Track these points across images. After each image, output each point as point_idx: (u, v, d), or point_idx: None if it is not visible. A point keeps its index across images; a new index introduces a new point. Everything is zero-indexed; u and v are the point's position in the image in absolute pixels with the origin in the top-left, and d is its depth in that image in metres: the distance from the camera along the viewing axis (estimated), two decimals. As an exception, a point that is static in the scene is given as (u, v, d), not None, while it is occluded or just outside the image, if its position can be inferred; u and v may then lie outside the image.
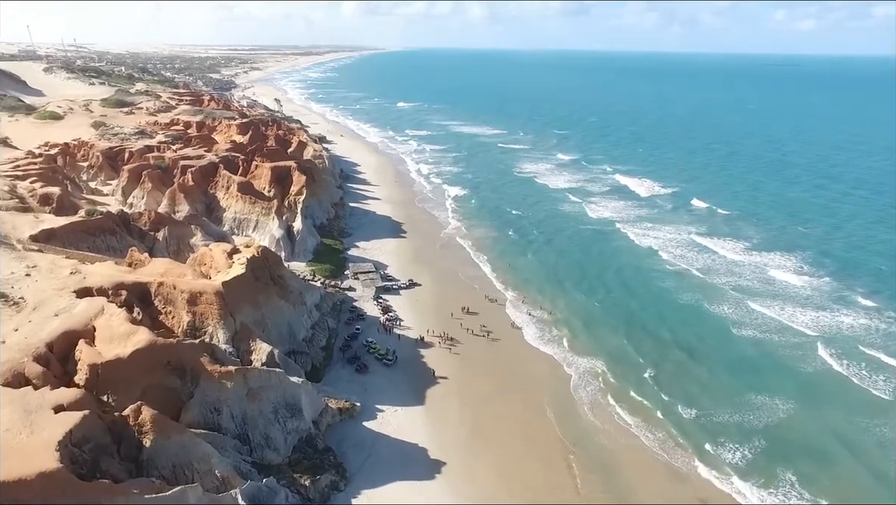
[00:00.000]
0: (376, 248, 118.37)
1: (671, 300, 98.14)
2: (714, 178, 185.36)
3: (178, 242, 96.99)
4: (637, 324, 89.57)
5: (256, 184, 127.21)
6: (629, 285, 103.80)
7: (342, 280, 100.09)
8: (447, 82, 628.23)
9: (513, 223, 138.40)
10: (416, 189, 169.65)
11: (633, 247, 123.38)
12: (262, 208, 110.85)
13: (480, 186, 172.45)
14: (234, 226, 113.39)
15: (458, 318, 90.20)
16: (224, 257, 75.25)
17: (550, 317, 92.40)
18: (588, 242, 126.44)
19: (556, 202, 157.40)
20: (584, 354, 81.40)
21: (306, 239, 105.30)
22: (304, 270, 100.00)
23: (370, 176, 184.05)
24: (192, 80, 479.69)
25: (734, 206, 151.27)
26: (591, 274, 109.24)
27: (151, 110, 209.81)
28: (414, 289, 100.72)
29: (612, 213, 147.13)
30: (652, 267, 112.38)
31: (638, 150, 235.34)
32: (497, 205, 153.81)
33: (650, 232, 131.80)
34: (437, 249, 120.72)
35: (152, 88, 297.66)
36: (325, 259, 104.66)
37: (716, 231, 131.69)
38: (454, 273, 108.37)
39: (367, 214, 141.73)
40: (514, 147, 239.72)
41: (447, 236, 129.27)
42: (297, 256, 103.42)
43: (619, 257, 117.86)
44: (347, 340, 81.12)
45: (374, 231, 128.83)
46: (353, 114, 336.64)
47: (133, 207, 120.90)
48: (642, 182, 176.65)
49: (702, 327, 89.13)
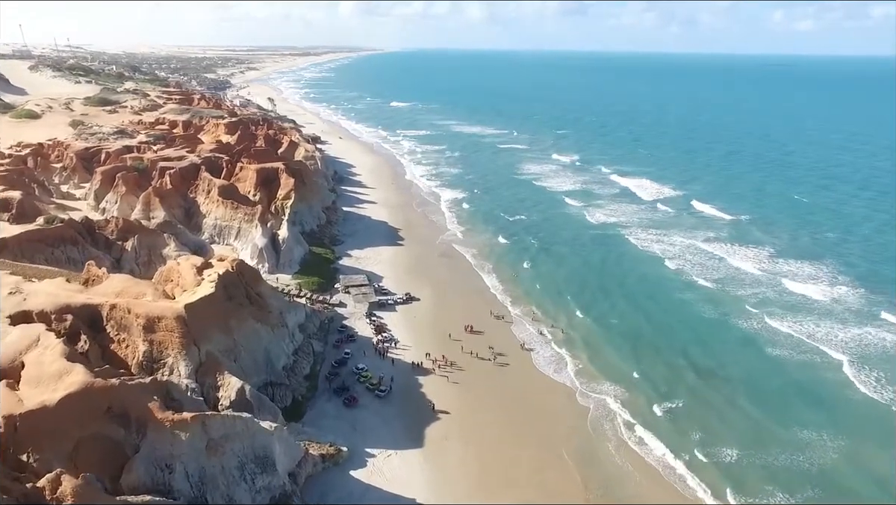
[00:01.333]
0: (370, 258, 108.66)
1: (684, 315, 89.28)
2: (716, 180, 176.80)
3: (149, 253, 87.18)
4: (652, 345, 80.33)
5: (241, 187, 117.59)
6: (640, 299, 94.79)
7: (331, 294, 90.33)
8: (445, 82, 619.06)
9: (515, 228, 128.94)
10: (413, 192, 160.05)
11: (640, 254, 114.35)
12: (245, 214, 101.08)
13: (480, 189, 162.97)
14: (214, 233, 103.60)
15: (461, 338, 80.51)
16: (193, 273, 65.50)
17: (562, 336, 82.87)
18: (594, 250, 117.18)
19: (558, 206, 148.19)
20: (600, 381, 71.97)
21: (293, 248, 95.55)
22: (289, 284, 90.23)
23: (366, 178, 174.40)
24: (186, 80, 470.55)
25: (739, 209, 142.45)
26: (600, 285, 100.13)
27: (136, 109, 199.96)
28: (411, 304, 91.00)
29: (616, 217, 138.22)
30: (661, 277, 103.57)
31: (638, 150, 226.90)
32: (498, 208, 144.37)
33: (656, 238, 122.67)
34: (436, 258, 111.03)
35: (141, 87, 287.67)
36: (313, 270, 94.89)
37: (723, 237, 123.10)
38: (455, 285, 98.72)
39: (361, 220, 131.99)
40: (513, 147, 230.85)
41: (447, 243, 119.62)
42: (283, 267, 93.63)
43: (626, 266, 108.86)
44: (335, 367, 71.34)
45: (368, 238, 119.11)
46: (348, 113, 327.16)
47: (106, 213, 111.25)
48: (644, 184, 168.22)
49: (719, 347, 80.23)
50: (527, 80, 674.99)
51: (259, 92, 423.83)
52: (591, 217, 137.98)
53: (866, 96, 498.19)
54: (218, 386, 55.14)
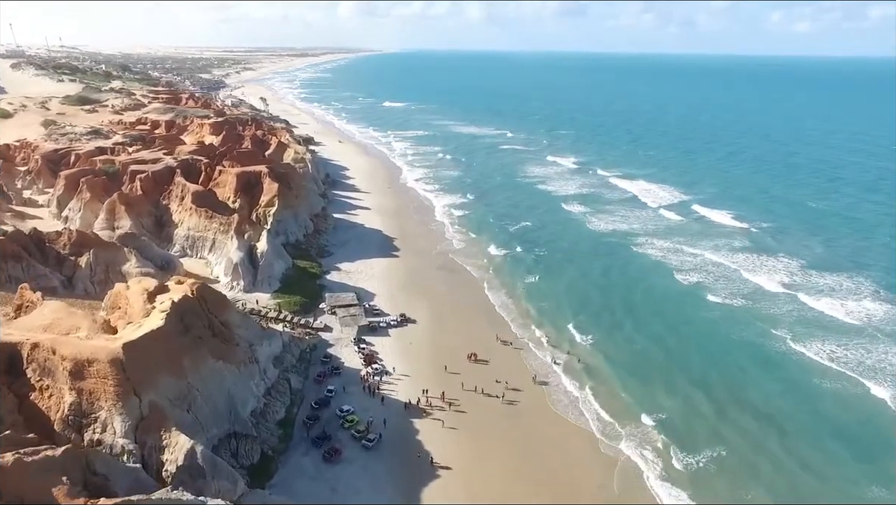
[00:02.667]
0: (362, 271, 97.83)
1: (703, 339, 79.18)
2: (719, 182, 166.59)
3: (107, 270, 76.30)
4: (676, 376, 70.23)
5: (220, 193, 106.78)
6: (655, 319, 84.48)
7: (315, 316, 79.45)
8: (444, 83, 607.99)
9: (518, 237, 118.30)
10: (410, 196, 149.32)
11: (649, 267, 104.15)
12: (221, 224, 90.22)
13: (481, 193, 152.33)
14: (186, 245, 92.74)
15: (463, 369, 69.80)
16: (142, 300, 54.73)
17: (577, 366, 72.21)
18: (602, 261, 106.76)
19: (561, 212, 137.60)
20: (625, 422, 61.57)
21: (273, 263, 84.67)
22: (267, 305, 79.36)
23: (360, 181, 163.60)
24: (179, 80, 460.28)
25: (747, 214, 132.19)
26: (613, 302, 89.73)
27: (117, 108, 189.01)
28: (406, 327, 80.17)
29: (620, 224, 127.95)
30: (673, 293, 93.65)
31: (638, 151, 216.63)
32: (498, 214, 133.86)
33: (664, 248, 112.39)
34: (434, 272, 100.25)
35: (128, 86, 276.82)
36: (295, 288, 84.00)
37: (732, 246, 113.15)
38: (456, 304, 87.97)
39: (353, 228, 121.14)
40: (513, 148, 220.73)
41: (446, 254, 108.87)
42: (261, 284, 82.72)
43: (636, 281, 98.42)
44: (315, 409, 60.45)
45: (360, 249, 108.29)
46: (344, 114, 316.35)
47: (69, 222, 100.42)
48: (646, 187, 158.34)
49: (745, 379, 69.96)
50: (526, 81, 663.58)
51: (254, 92, 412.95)
52: (596, 225, 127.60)
53: (866, 97, 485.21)
54: (163, 446, 44.31)
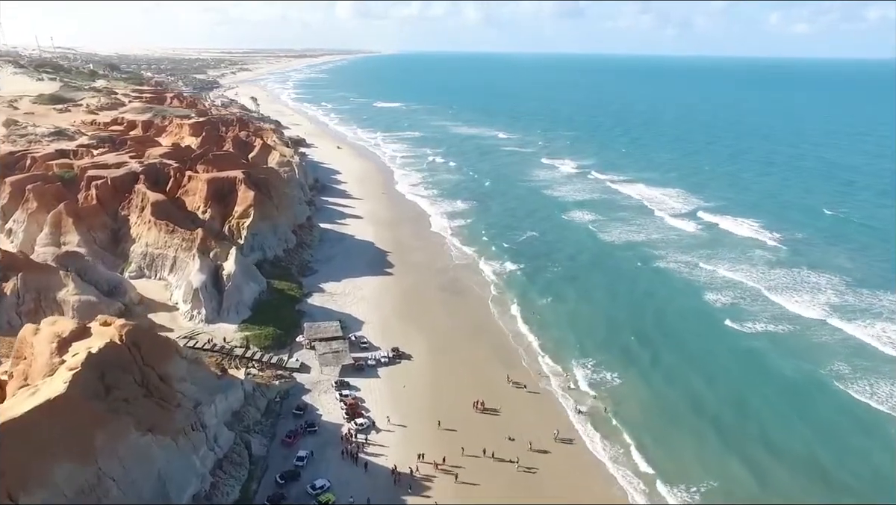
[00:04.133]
0: (349, 293, 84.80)
1: (751, 377, 67.24)
2: (728, 187, 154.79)
3: (38, 298, 63.31)
4: (724, 428, 57.93)
5: (189, 202, 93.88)
6: (691, 349, 72.87)
7: (291, 352, 66.51)
8: (443, 84, 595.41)
9: (526, 250, 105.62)
10: (405, 203, 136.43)
11: (673, 285, 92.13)
12: (183, 240, 77.13)
13: (480, 199, 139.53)
14: (143, 265, 79.59)
15: (468, 422, 56.97)
16: (50, 350, 41.84)
17: (607, 415, 59.41)
18: (622, 279, 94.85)
19: (570, 221, 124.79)
20: (676, 491, 48.57)
21: (242, 287, 71.62)
22: (233, 338, 66.32)
23: (352, 187, 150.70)
24: (172, 80, 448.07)
25: (763, 223, 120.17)
26: (640, 329, 77.61)
27: (93, 108, 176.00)
28: (400, 364, 67.27)
29: (636, 235, 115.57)
30: (704, 316, 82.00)
31: (638, 153, 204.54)
32: (502, 224, 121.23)
33: (684, 263, 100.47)
34: (433, 293, 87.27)
35: (113, 85, 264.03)
36: (269, 317, 70.94)
37: (753, 259, 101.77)
38: (460, 333, 75.06)
39: (342, 240, 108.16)
40: (515, 150, 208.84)
41: (447, 271, 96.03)
42: (226, 313, 69.63)
43: (662, 302, 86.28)
44: (281, 485, 47.37)
45: (348, 265, 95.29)
46: (339, 114, 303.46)
47: (12, 236, 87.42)
48: (654, 194, 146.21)
49: (811, 435, 57.22)
50: (526, 83, 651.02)
51: (248, 92, 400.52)
52: (607, 236, 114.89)
53: (868, 98, 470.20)
54: (48, 575, 31.27)
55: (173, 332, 65.94)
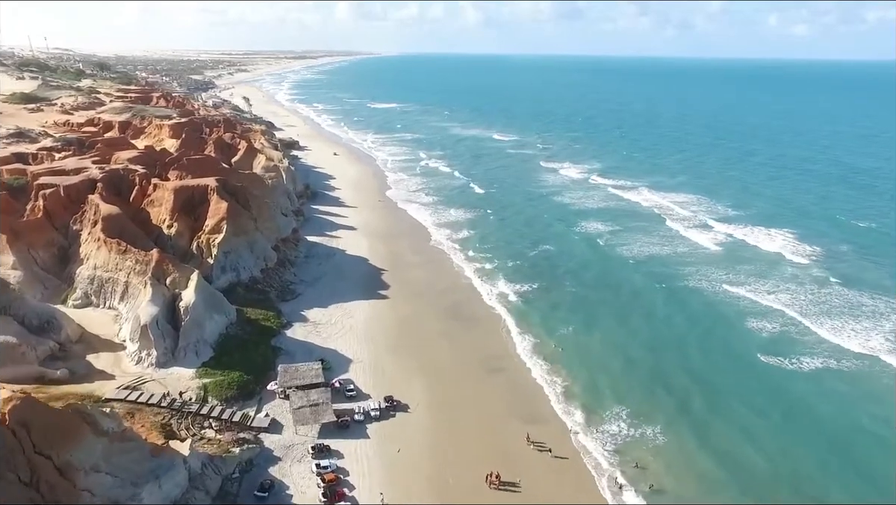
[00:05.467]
0: (336, 322, 72.43)
1: (830, 435, 54.77)
2: (740, 193, 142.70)
3: (-56, 339, 50.86)
4: None
5: (155, 214, 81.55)
6: (742, 395, 60.93)
7: (260, 404, 54.14)
8: (442, 84, 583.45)
9: (540, 268, 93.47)
10: (404, 212, 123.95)
11: (708, 312, 79.96)
12: (137, 262, 64.69)
13: (485, 208, 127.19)
14: (90, 291, 67.10)
15: (481, 502, 44.56)
16: None
17: (651, 490, 47.05)
18: (648, 302, 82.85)
19: (584, 233, 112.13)
20: None
21: (203, 321, 59.17)
22: (188, 388, 53.85)
23: (346, 193, 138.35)
24: (167, 80, 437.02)
25: (788, 236, 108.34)
26: (676, 367, 66.22)
27: (68, 107, 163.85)
28: (396, 418, 54.90)
29: (657, 249, 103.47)
30: (754, 348, 69.58)
31: (650, 157, 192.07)
32: (511, 236, 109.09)
33: (714, 282, 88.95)
34: (436, 321, 74.85)
35: (99, 85, 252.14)
36: (235, 358, 58.49)
37: (785, 276, 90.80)
38: (468, 374, 62.75)
39: (331, 256, 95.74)
40: (520, 153, 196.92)
41: (451, 292, 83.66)
42: (183, 355, 57.13)
43: (700, 333, 74.21)
44: None
45: (337, 287, 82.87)
46: (336, 115, 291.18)
47: (-55, 254, 74.79)
48: (670, 201, 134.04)
49: None
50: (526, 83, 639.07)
51: (244, 93, 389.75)
52: (625, 250, 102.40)
53: (870, 99, 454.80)
54: None
55: (115, 379, 53.63)
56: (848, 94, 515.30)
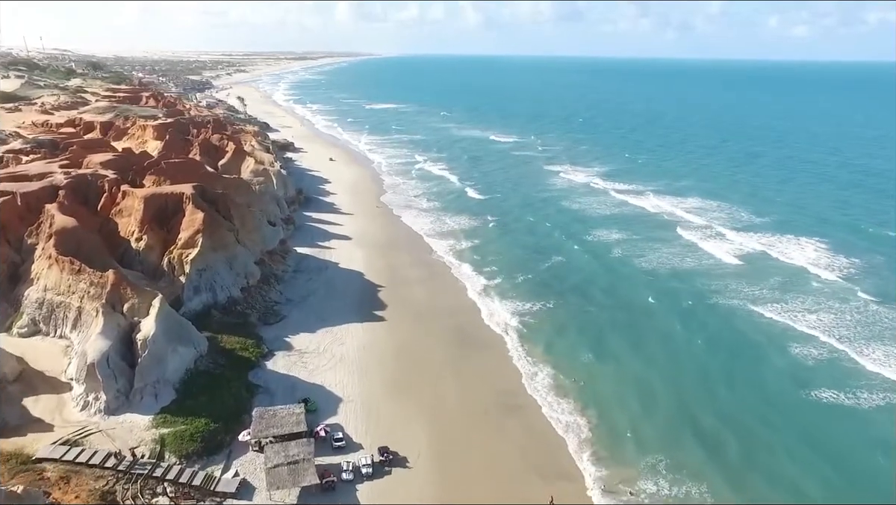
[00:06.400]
0: (325, 350, 63.50)
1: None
2: (753, 197, 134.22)
3: None
4: None
5: (123, 225, 72.71)
6: (790, 439, 52.36)
7: (229, 459, 45.16)
8: (442, 85, 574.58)
9: (552, 283, 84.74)
10: (405, 221, 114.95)
11: (738, 334, 71.56)
12: (91, 284, 55.69)
13: (491, 214, 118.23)
14: (39, 317, 58.02)
15: None
16: None
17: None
18: (679, 324, 73.78)
19: (596, 243, 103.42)
20: None
21: (164, 356, 50.17)
22: (140, 440, 44.88)
23: (342, 199, 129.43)
24: (164, 81, 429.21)
25: (817, 248, 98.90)
26: (716, 404, 57.30)
27: (48, 107, 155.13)
28: (392, 475, 45.93)
29: (672, 263, 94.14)
30: (789, 381, 60.96)
31: (655, 160, 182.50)
32: (520, 246, 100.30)
33: (746, 300, 79.99)
34: (439, 349, 65.84)
35: (88, 84, 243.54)
36: (202, 400, 49.48)
37: (819, 295, 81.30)
38: (477, 417, 53.83)
39: (323, 270, 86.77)
40: (526, 155, 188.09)
41: (455, 313, 74.70)
42: (138, 398, 48.04)
43: (746, 361, 65.54)
44: None
45: (328, 307, 73.90)
46: (334, 116, 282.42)
47: None
48: (680, 208, 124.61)
49: None
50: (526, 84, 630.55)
51: (242, 94, 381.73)
52: (639, 261, 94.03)
53: (874, 101, 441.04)
54: None
55: (53, 430, 44.70)
56: (850, 95, 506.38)
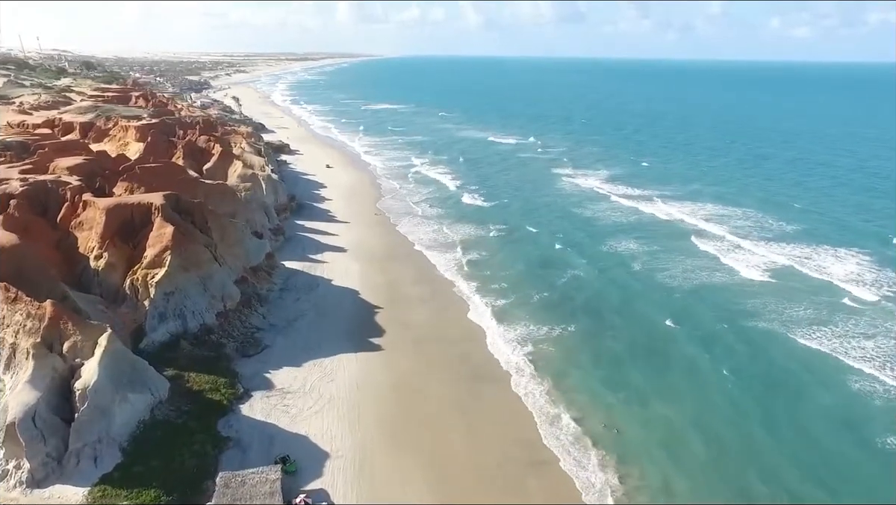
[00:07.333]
0: (312, 389, 54.40)
1: None
2: (764, 202, 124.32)
3: None
4: None
5: (83, 240, 63.72)
6: None
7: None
8: (443, 85, 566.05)
9: (570, 305, 74.75)
10: (404, 230, 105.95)
11: (788, 373, 60.51)
12: (28, 316, 46.56)
13: (496, 223, 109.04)
14: (-30, 353, 49.09)
15: None
16: None
17: None
18: (709, 353, 63.85)
19: (613, 256, 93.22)
20: None
21: (110, 408, 41.02)
22: (73, 522, 35.95)
23: (337, 205, 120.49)
24: (161, 81, 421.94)
25: (845, 262, 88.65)
26: (780, 456, 47.80)
27: (26, 107, 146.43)
28: (385, 563, 36.89)
29: (699, 278, 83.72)
30: (867, 434, 50.54)
31: (662, 162, 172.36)
32: (532, 260, 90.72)
33: (779, 323, 69.35)
34: (445, 386, 56.69)
35: (78, 84, 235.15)
36: (152, 465, 40.20)
37: (861, 325, 70.00)
38: (491, 477, 44.62)
39: (313, 288, 77.64)
40: (533, 157, 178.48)
41: (462, 340, 65.59)
42: (73, 463, 38.77)
43: (798, 405, 55.50)
44: None
45: (317, 333, 64.83)
46: (333, 117, 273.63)
47: None
48: (693, 216, 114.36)
49: None
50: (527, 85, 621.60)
51: (239, 93, 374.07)
52: (661, 280, 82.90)
53: (880, 102, 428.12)
54: None
55: (-38, 510, 35.64)
56: (853, 96, 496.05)
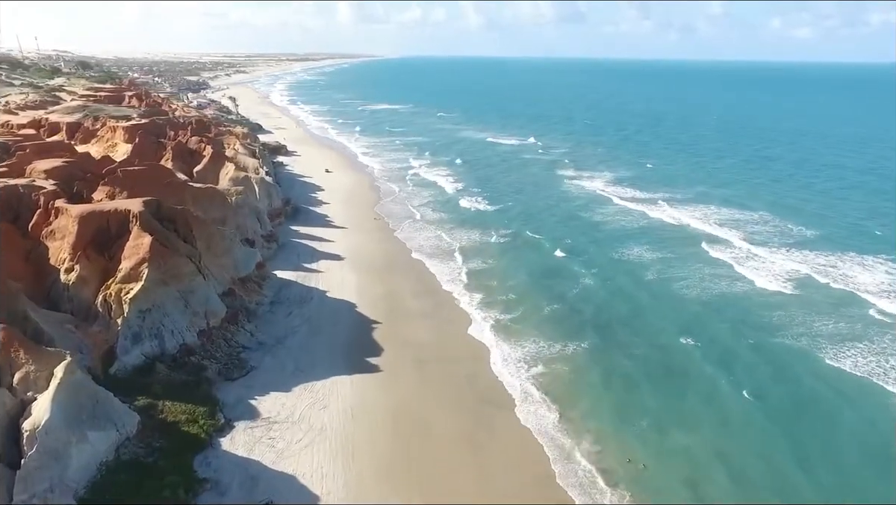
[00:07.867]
0: (302, 419, 49.21)
1: None
2: (774, 205, 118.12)
3: None
4: None
5: (54, 251, 58.63)
6: None
7: None
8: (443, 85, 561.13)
9: (581, 319, 69.14)
10: (403, 236, 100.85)
11: (826, 402, 54.21)
12: (-20, 341, 41.43)
13: (500, 228, 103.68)
14: (-83, 381, 43.89)
15: None
16: None
17: None
18: (736, 374, 58.09)
19: (625, 263, 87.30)
20: None
21: (65, 451, 35.58)
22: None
23: (335, 209, 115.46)
24: (159, 81, 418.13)
25: (869, 274, 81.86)
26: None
27: (12, 106, 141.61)
28: None
29: (715, 290, 77.46)
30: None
31: (665, 164, 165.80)
32: (541, 270, 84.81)
33: (807, 346, 62.78)
34: (448, 415, 51.41)
35: (72, 84, 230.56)
36: (120, 511, 35.31)
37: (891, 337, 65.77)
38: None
39: (307, 300, 72.49)
40: (539, 159, 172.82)
41: (464, 360, 60.38)
42: (22, 517, 33.98)
43: (830, 439, 49.68)
44: None
45: (308, 353, 59.65)
46: (330, 117, 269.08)
47: None
48: (701, 221, 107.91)
49: None
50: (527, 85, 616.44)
51: (237, 94, 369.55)
52: (676, 292, 76.64)
53: (886, 102, 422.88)
54: None
55: None
56: (855, 96, 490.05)
